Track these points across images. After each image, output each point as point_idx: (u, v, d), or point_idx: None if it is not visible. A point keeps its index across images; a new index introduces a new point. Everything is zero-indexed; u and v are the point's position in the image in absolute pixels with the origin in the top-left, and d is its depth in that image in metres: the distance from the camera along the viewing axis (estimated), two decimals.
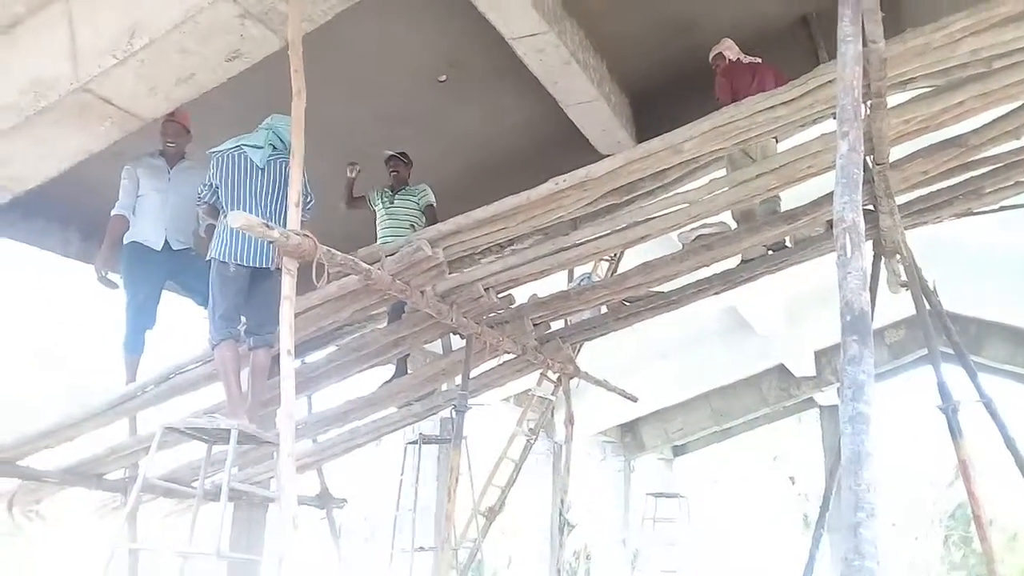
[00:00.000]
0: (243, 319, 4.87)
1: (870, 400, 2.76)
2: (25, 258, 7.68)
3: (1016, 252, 10.78)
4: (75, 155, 4.75)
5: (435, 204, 6.64)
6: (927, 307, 5.49)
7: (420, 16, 5.82)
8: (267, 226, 4.08)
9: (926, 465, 21.52)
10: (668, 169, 5.01)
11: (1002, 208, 5.74)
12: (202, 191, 5.05)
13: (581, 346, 7.84)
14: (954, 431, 5.14)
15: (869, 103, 4.28)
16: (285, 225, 4.18)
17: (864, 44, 3.70)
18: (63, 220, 6.63)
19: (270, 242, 4.36)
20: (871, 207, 5.10)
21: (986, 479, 5.62)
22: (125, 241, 5.67)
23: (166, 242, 5.63)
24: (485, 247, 5.66)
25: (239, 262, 4.69)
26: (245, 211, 4.50)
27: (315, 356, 6.60)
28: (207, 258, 4.86)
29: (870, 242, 5.46)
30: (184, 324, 6.33)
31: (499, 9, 5.23)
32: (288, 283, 4.10)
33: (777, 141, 5.50)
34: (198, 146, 5.51)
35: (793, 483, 23.76)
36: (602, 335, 7.35)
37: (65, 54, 4.18)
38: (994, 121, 4.93)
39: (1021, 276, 11.27)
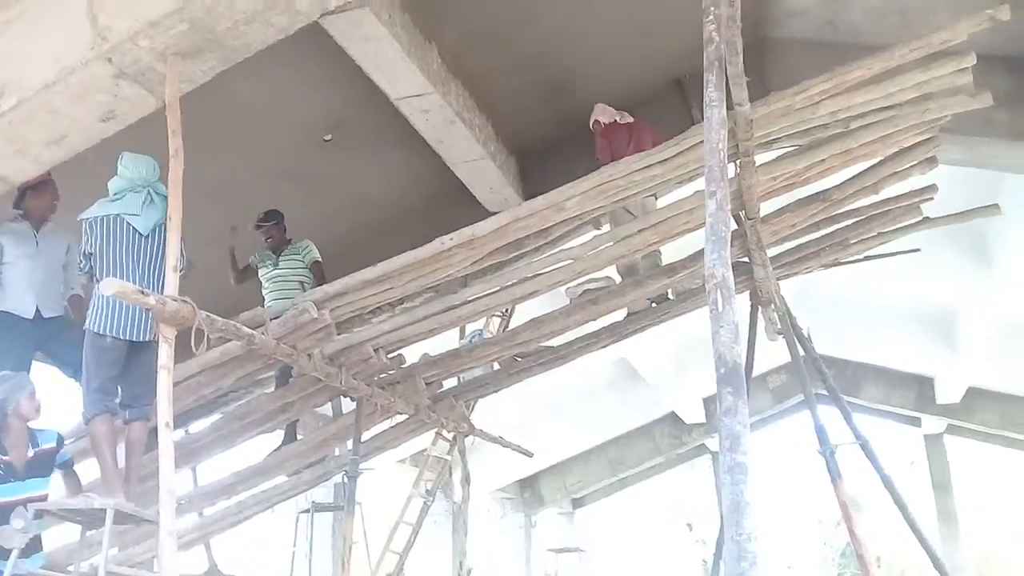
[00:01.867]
0: (118, 391, 4.64)
1: (747, 450, 2.83)
2: None
3: (886, 298, 11.39)
4: None
5: (320, 260, 6.53)
6: (801, 353, 5.72)
7: (305, 75, 5.81)
8: (142, 292, 3.94)
9: (815, 505, 22.20)
10: (552, 227, 5.10)
11: (867, 258, 6.06)
12: (80, 261, 4.77)
13: (475, 403, 7.82)
14: (833, 474, 5.32)
15: (738, 162, 4.50)
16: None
17: (730, 107, 3.89)
18: None
19: (147, 311, 4.20)
20: (745, 259, 5.32)
21: (872, 517, 5.82)
22: None
23: (37, 310, 5.33)
24: (374, 307, 5.61)
25: (115, 335, 4.47)
26: (123, 278, 4.31)
27: (198, 426, 6.36)
28: (83, 328, 4.63)
29: (746, 293, 5.68)
30: (55, 397, 6.00)
31: (384, 70, 5.27)
32: (165, 352, 3.96)
33: (656, 198, 5.69)
34: (67, 210, 5.27)
35: (691, 529, 24.08)
36: (495, 391, 7.35)
37: None
38: (854, 176, 5.24)
39: (892, 320, 11.91)
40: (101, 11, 3.78)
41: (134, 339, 4.47)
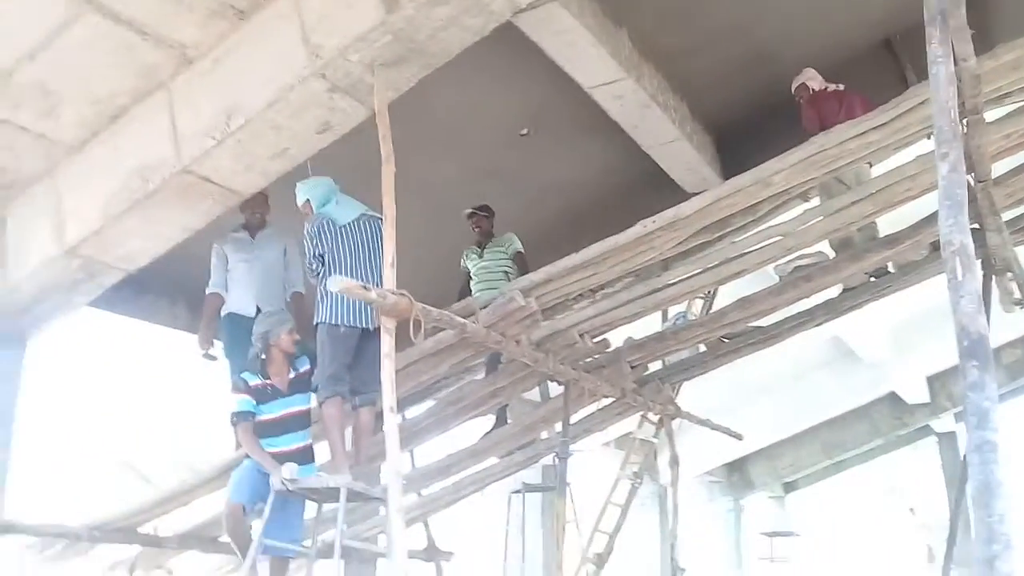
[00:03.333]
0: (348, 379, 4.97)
1: (996, 427, 2.64)
2: (136, 332, 8.04)
3: None
4: (180, 233, 4.99)
5: (523, 251, 6.68)
6: None
7: (500, 74, 5.94)
8: (365, 288, 4.19)
9: None
10: (759, 203, 4.93)
11: None
12: (310, 263, 5.21)
13: (681, 386, 7.72)
14: None
15: (966, 121, 4.14)
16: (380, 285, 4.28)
17: (955, 63, 3.59)
18: (171, 294, 6.94)
19: (369, 303, 4.47)
20: (977, 226, 4.91)
21: None
22: (222, 314, 5.89)
23: (257, 308, 5.82)
24: (577, 293, 5.66)
25: (349, 324, 4.83)
26: (347, 275, 4.66)
27: (415, 411, 6.68)
28: (315, 322, 5.01)
29: (979, 261, 5.24)
30: None
31: (575, 61, 5.30)
32: (387, 341, 4.19)
33: (871, 166, 5.36)
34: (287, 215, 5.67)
35: (913, 514, 22.65)
36: (702, 374, 7.22)
37: (167, 139, 4.42)
38: None
39: None
40: (313, 32, 4.05)
41: (365, 327, 4.80)
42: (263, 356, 4.98)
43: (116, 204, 4.65)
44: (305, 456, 5.03)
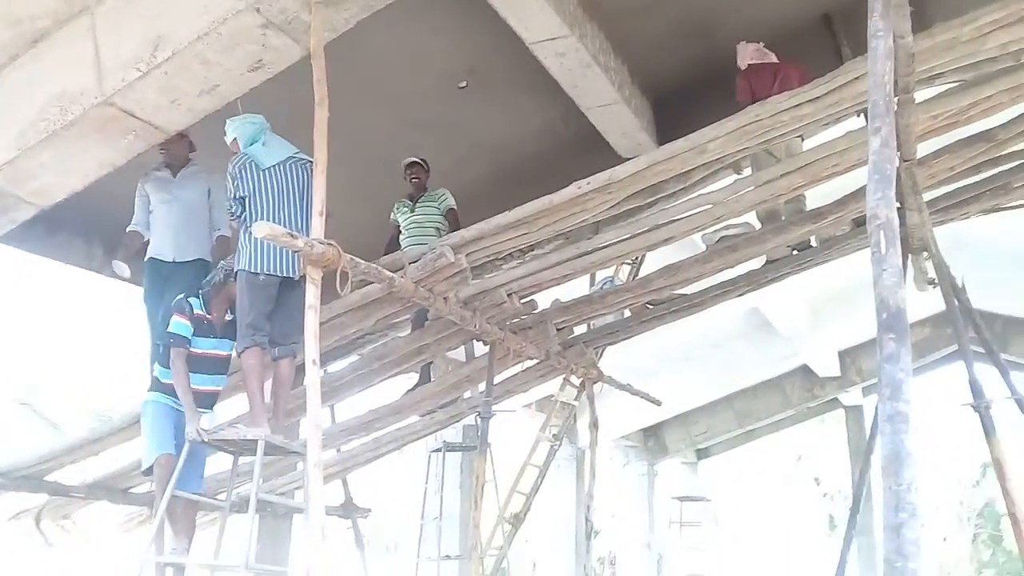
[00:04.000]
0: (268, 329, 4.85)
1: (908, 399, 2.71)
2: (49, 272, 7.73)
3: None
4: (99, 168, 4.76)
5: (455, 208, 6.62)
6: (956, 304, 5.40)
7: (441, 22, 5.81)
8: (291, 235, 4.07)
9: (951, 464, 21.32)
10: (692, 170, 4.97)
11: None
12: (231, 207, 5.03)
13: (604, 350, 7.80)
14: (988, 428, 5.04)
15: (897, 99, 4.22)
16: (307, 233, 4.17)
17: (892, 39, 3.64)
18: (87, 234, 6.66)
19: (295, 252, 4.36)
20: (898, 204, 5.03)
21: (1018, 477, 5.52)
22: (145, 259, 5.68)
23: (177, 253, 5.61)
24: (508, 252, 5.64)
25: (268, 272, 4.69)
26: (270, 221, 4.49)
27: (338, 365, 6.60)
28: (235, 270, 4.86)
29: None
30: None
31: (519, 13, 5.20)
32: (312, 292, 4.09)
33: (803, 140, 5.44)
34: (217, 157, 5.48)
35: (818, 484, 23.60)
36: (625, 339, 7.31)
37: (89, 68, 4.19)
38: (1022, 115, 4.86)
39: None
40: None
41: (286, 275, 4.67)
42: (212, 288, 4.98)
43: (31, 134, 4.39)
44: (212, 401, 5.06)
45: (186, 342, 4.87)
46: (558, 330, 6.65)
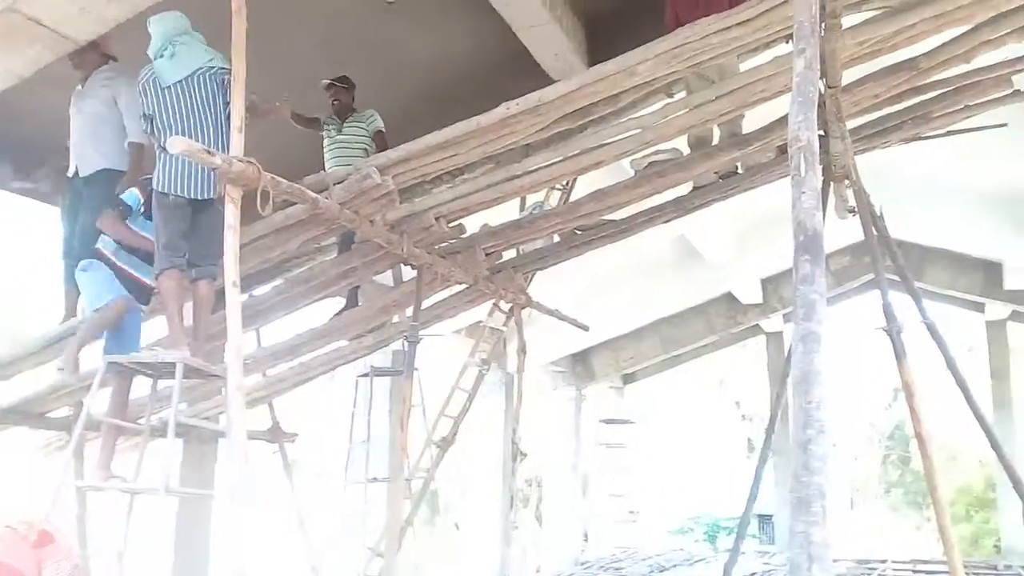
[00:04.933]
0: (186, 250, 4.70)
1: (821, 319, 2.77)
2: None
3: (960, 179, 10.97)
4: (4, 80, 4.56)
5: (383, 130, 6.48)
6: (874, 232, 5.53)
7: None
8: (208, 152, 3.93)
9: (864, 387, 22.28)
10: (622, 93, 4.92)
11: (949, 133, 5.76)
12: (143, 124, 4.79)
13: (533, 276, 7.81)
14: (898, 352, 5.22)
15: (824, 24, 4.22)
16: (226, 150, 4.03)
17: None
18: None
19: (212, 170, 4.21)
20: (822, 132, 5.08)
21: (926, 401, 5.76)
22: None
23: (81, 166, 5.34)
24: (436, 175, 5.55)
25: (177, 193, 4.51)
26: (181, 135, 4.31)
27: (262, 289, 6.48)
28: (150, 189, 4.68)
29: (820, 166, 5.45)
30: None
31: None
32: (232, 212, 3.99)
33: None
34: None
35: (738, 407, 24.47)
36: (554, 264, 7.33)
37: None
38: (945, 44, 4.92)
39: (963, 201, 11.50)
40: None
41: (195, 197, 4.51)
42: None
43: None
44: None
45: (131, 213, 4.77)
46: (487, 255, 6.62)
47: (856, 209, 5.48)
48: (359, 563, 8.59)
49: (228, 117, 4.45)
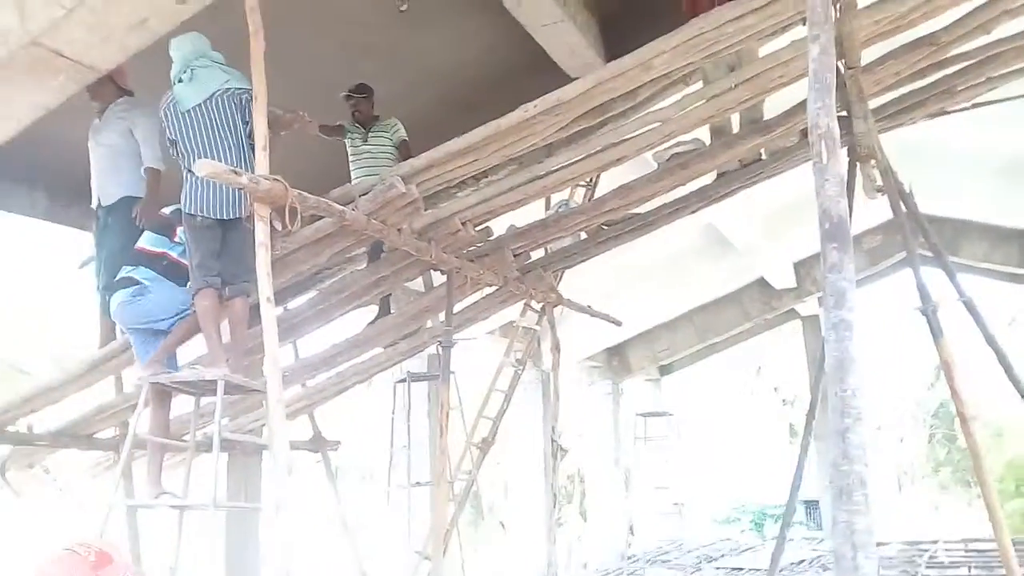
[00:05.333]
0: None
1: (852, 306, 2.77)
2: None
3: (988, 150, 10.78)
4: (32, 112, 4.62)
5: (407, 139, 6.53)
6: (904, 210, 5.48)
7: None
8: (235, 172, 4.00)
9: (907, 367, 21.97)
10: (640, 88, 4.93)
11: (975, 106, 5.70)
12: (169, 148, 4.90)
13: (562, 273, 7.84)
14: (935, 331, 5.18)
15: (839, 5, 4.20)
16: (251, 170, 4.10)
17: None
18: (28, 180, 6.50)
19: (239, 189, 4.29)
20: (844, 113, 5.05)
21: (968, 378, 5.69)
22: None
23: (102, 196, 5.49)
24: (459, 180, 5.60)
25: (204, 214, 4.60)
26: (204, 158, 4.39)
27: (297, 302, 6.57)
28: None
29: (845, 148, 5.42)
30: None
31: None
32: (261, 229, 4.05)
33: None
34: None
35: (777, 393, 24.25)
36: (583, 261, 7.35)
37: (11, 7, 4.02)
38: (964, 17, 4.87)
39: (994, 174, 11.31)
40: None
41: (221, 217, 4.59)
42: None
43: None
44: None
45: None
46: (515, 256, 6.66)
47: (884, 188, 5.44)
48: (407, 567, 8.66)
49: (249, 135, 4.54)
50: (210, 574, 7.06)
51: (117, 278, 4.96)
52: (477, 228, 5.92)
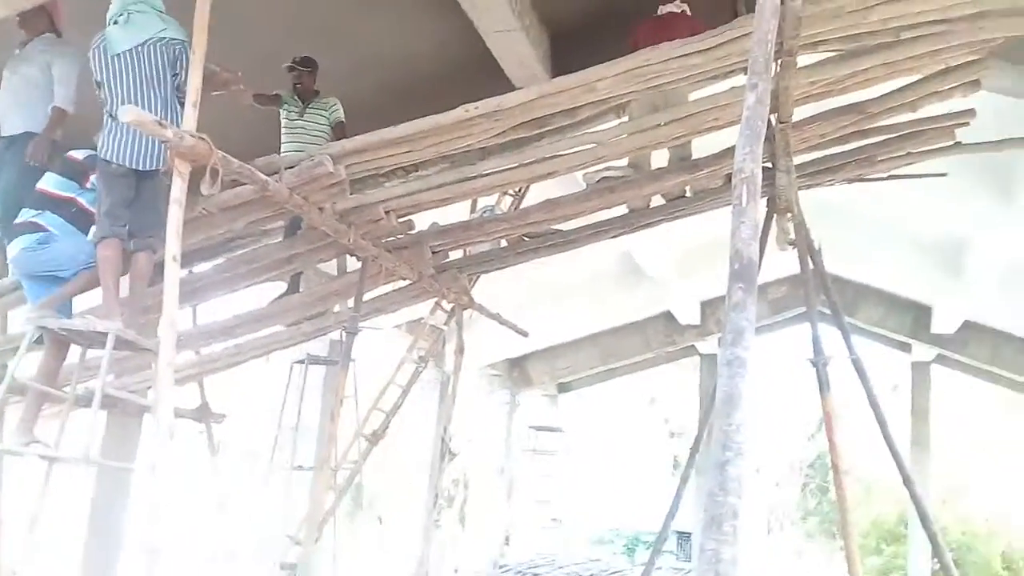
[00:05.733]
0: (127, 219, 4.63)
1: (748, 346, 2.85)
2: None
3: (898, 221, 11.30)
4: None
5: (344, 122, 6.45)
6: (811, 266, 5.71)
7: None
8: (160, 124, 3.89)
9: (792, 417, 22.78)
10: (580, 107, 5.00)
11: (891, 177, 5.98)
12: (95, 89, 4.72)
13: (477, 278, 7.86)
14: (823, 384, 5.41)
15: (780, 61, 4.36)
16: (177, 124, 3.99)
17: (782, 1, 3.74)
18: None
19: (157, 141, 4.17)
20: (769, 164, 5.24)
21: (847, 434, 5.95)
22: None
23: (4, 126, 5.28)
24: (390, 169, 5.56)
25: (120, 163, 4.45)
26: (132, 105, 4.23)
27: (203, 266, 6.40)
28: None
29: (765, 198, 5.61)
30: None
31: None
32: (179, 186, 3.95)
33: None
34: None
35: (667, 424, 24.82)
36: (499, 268, 7.37)
37: None
38: (895, 91, 5.11)
39: (900, 244, 11.85)
40: None
41: (139, 168, 4.45)
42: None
43: None
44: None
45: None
46: (433, 253, 6.64)
47: (795, 242, 5.65)
48: (278, 550, 8.51)
49: (178, 88, 4.42)
50: (72, 531, 6.80)
51: (18, 221, 4.73)
52: (400, 219, 5.89)
